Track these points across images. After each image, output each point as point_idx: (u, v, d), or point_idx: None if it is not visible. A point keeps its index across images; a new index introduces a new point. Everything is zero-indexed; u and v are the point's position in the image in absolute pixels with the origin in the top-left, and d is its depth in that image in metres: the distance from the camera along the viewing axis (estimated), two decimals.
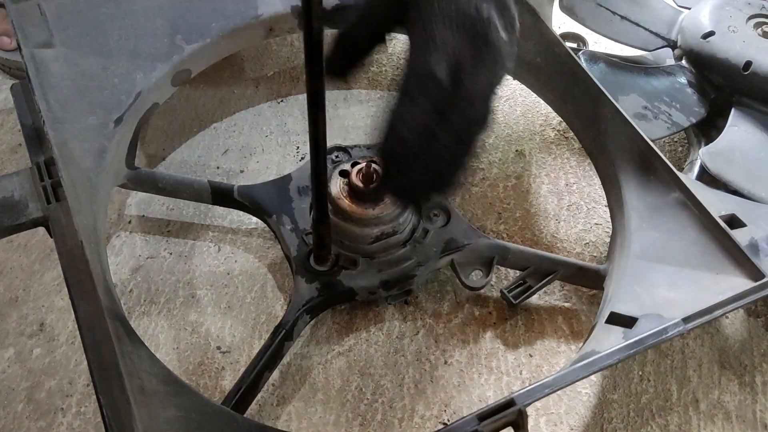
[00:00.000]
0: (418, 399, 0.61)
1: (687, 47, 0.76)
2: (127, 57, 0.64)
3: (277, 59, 0.89)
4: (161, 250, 0.70)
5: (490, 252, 0.63)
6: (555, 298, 0.69)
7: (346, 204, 0.59)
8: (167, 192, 0.66)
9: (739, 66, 0.71)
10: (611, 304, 0.52)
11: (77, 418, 0.59)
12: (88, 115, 0.59)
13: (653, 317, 0.49)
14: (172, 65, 0.65)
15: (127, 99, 0.61)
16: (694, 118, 0.72)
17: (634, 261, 0.54)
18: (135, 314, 0.65)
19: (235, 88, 0.86)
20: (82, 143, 0.56)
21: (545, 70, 0.69)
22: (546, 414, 0.61)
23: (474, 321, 0.67)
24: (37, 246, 0.70)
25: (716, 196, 0.57)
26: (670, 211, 0.56)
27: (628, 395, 0.63)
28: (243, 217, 0.73)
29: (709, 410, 0.62)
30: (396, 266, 0.61)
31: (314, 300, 0.59)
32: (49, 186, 0.52)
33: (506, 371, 0.64)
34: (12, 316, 0.65)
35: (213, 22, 0.68)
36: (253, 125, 0.82)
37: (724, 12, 0.76)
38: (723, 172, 0.64)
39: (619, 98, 0.71)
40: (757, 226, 0.54)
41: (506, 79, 0.80)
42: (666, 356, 0.65)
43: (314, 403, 0.61)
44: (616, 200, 0.61)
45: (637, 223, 0.57)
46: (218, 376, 0.62)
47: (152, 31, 0.66)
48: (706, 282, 0.51)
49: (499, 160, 0.80)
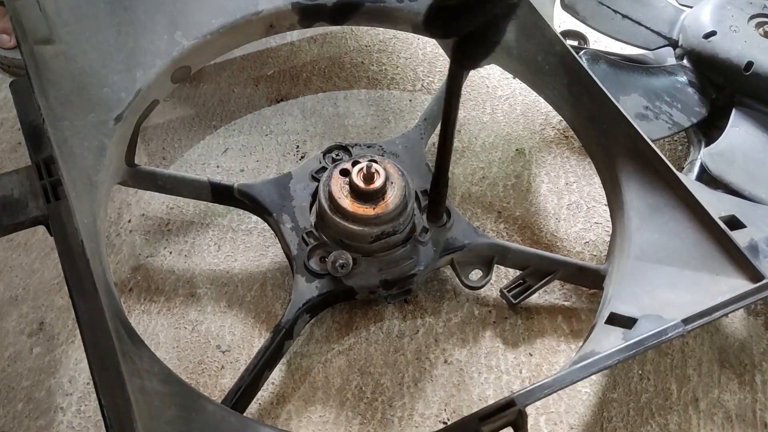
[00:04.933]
0: (417, 398, 0.62)
1: (688, 47, 0.76)
2: (127, 53, 0.63)
3: (277, 58, 0.89)
4: (161, 249, 0.70)
5: (489, 251, 0.63)
6: (555, 297, 0.69)
7: (346, 203, 0.59)
8: (167, 190, 0.66)
9: (741, 66, 0.71)
10: (611, 304, 0.52)
11: (77, 417, 0.59)
12: (88, 112, 0.58)
13: (653, 318, 0.49)
14: (172, 61, 0.65)
15: (127, 96, 0.61)
16: (695, 118, 0.72)
17: (634, 262, 0.54)
18: (135, 313, 0.65)
19: (235, 88, 0.86)
20: (81, 141, 0.56)
21: (546, 69, 0.69)
22: (546, 413, 0.61)
23: (474, 320, 0.67)
24: (37, 245, 0.70)
25: (716, 197, 0.58)
26: (670, 212, 0.56)
27: (628, 394, 0.63)
28: (243, 216, 0.72)
29: (708, 409, 0.62)
30: (396, 265, 0.61)
31: (314, 299, 0.59)
32: (49, 185, 0.52)
33: (506, 370, 0.64)
34: (12, 314, 0.65)
35: (213, 18, 0.68)
36: (253, 124, 0.82)
37: (726, 12, 0.75)
38: (724, 173, 0.64)
39: (621, 98, 0.70)
40: (757, 227, 0.54)
41: (507, 79, 0.81)
42: (666, 355, 0.65)
43: (314, 401, 0.61)
44: (616, 200, 0.61)
45: (637, 223, 0.57)
46: (218, 375, 0.62)
47: (151, 27, 0.65)
48: (705, 283, 0.51)
49: (499, 159, 0.80)
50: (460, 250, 0.63)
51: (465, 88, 0.85)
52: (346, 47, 0.91)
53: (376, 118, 0.83)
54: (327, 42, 0.91)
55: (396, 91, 0.87)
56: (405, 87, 0.87)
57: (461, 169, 0.79)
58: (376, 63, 0.89)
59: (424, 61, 0.90)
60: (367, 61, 0.89)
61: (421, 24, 0.46)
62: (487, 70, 0.86)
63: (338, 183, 0.60)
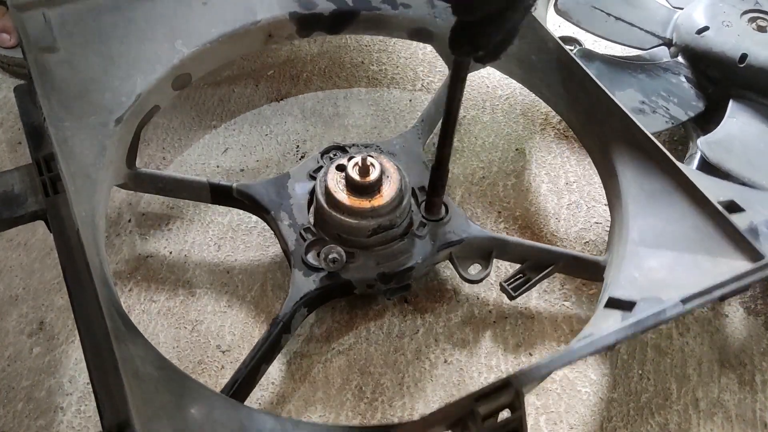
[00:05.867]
0: (417, 398, 0.61)
1: (682, 43, 0.77)
2: (128, 61, 0.65)
3: (277, 58, 0.90)
4: (161, 249, 0.71)
5: (488, 245, 0.63)
6: (555, 297, 0.68)
7: (342, 197, 0.59)
8: (167, 192, 0.66)
9: (735, 59, 0.71)
10: (609, 289, 0.52)
11: (77, 417, 0.59)
12: (89, 114, 0.60)
13: (652, 300, 0.48)
14: (172, 69, 0.66)
15: (128, 100, 0.62)
16: (692, 112, 0.72)
17: (633, 247, 0.54)
18: (135, 312, 0.65)
19: (235, 88, 0.87)
20: (82, 141, 0.57)
21: (540, 67, 0.70)
22: (546, 413, 0.60)
23: (474, 320, 0.66)
24: (37, 245, 0.70)
25: (714, 183, 0.57)
26: (667, 198, 0.56)
27: (628, 394, 0.62)
28: (243, 216, 0.73)
29: (708, 409, 0.61)
30: (394, 259, 0.60)
31: (311, 293, 0.58)
32: (48, 180, 0.53)
33: (506, 370, 0.63)
34: (12, 314, 0.65)
35: (212, 27, 0.70)
36: (253, 124, 0.83)
37: (718, 8, 0.76)
38: (723, 161, 0.64)
39: (616, 94, 0.71)
40: (756, 210, 0.54)
41: (506, 78, 0.81)
42: (666, 355, 0.64)
43: (314, 401, 0.60)
44: (613, 190, 0.61)
45: (634, 210, 0.56)
46: (218, 375, 0.62)
47: (152, 36, 0.67)
48: (705, 265, 0.51)
49: (499, 159, 0.81)
50: (458, 244, 0.62)
51: (465, 87, 0.86)
52: (346, 47, 0.92)
53: (376, 117, 0.84)
54: (327, 42, 0.92)
55: (396, 91, 0.87)
56: (405, 87, 0.88)
57: (461, 168, 0.79)
58: (376, 63, 0.90)
59: (424, 61, 0.91)
60: (367, 61, 0.91)
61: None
62: (487, 70, 0.86)
63: (334, 178, 0.61)
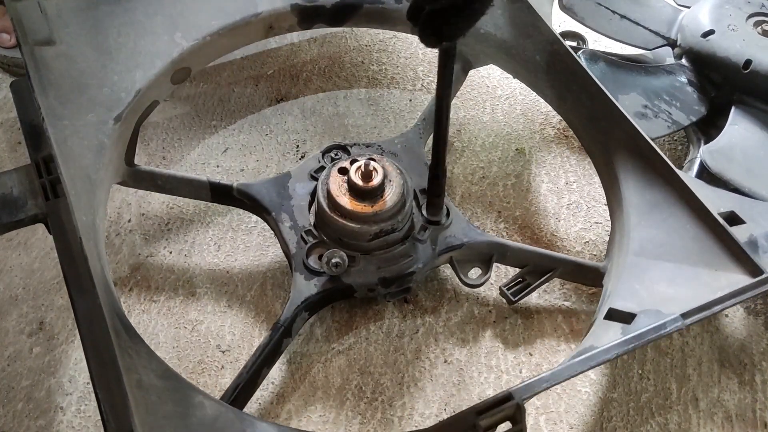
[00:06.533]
0: (417, 397, 0.61)
1: (687, 46, 0.76)
2: (127, 54, 0.64)
3: (277, 58, 0.90)
4: (161, 249, 0.70)
5: (488, 250, 0.63)
6: (554, 297, 0.69)
7: (345, 201, 0.59)
8: (166, 189, 0.66)
9: (739, 64, 0.71)
10: (610, 300, 0.52)
11: (77, 417, 0.59)
12: (88, 112, 0.59)
13: (652, 313, 0.49)
14: (172, 63, 0.65)
15: (127, 96, 0.61)
16: (694, 116, 0.72)
17: (633, 258, 0.54)
18: (135, 312, 0.65)
19: (235, 88, 0.86)
20: (81, 140, 0.57)
21: (544, 68, 0.69)
22: (546, 413, 0.61)
23: (473, 320, 0.67)
24: (37, 245, 0.70)
25: (715, 194, 0.57)
26: (668, 209, 0.56)
27: (628, 394, 0.62)
28: (243, 216, 0.73)
29: (708, 408, 0.62)
30: (395, 263, 0.61)
31: (312, 297, 0.59)
32: (48, 183, 0.52)
33: (506, 370, 0.64)
34: (12, 314, 0.65)
35: (212, 19, 0.68)
36: (253, 124, 0.82)
37: (724, 11, 0.76)
38: (723, 171, 0.64)
39: (619, 97, 0.70)
40: (757, 223, 0.54)
41: (507, 78, 0.81)
42: (665, 355, 0.65)
43: (314, 401, 0.61)
44: (614, 198, 0.61)
45: (636, 220, 0.57)
46: (218, 375, 0.62)
47: (151, 28, 0.66)
48: (705, 278, 0.51)
49: (499, 159, 0.80)
50: (459, 248, 0.63)
51: (465, 87, 0.85)
52: (346, 47, 0.91)
53: (376, 117, 0.84)
54: (327, 42, 0.91)
55: (396, 90, 0.87)
56: (405, 87, 0.87)
57: (461, 168, 0.79)
58: (376, 63, 0.90)
59: (424, 60, 0.90)
60: (367, 60, 0.90)
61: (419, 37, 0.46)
62: (487, 69, 0.86)
63: (336, 181, 0.60)
